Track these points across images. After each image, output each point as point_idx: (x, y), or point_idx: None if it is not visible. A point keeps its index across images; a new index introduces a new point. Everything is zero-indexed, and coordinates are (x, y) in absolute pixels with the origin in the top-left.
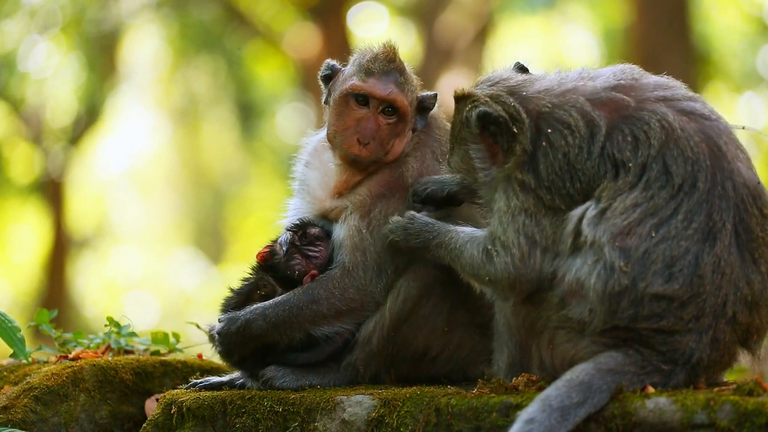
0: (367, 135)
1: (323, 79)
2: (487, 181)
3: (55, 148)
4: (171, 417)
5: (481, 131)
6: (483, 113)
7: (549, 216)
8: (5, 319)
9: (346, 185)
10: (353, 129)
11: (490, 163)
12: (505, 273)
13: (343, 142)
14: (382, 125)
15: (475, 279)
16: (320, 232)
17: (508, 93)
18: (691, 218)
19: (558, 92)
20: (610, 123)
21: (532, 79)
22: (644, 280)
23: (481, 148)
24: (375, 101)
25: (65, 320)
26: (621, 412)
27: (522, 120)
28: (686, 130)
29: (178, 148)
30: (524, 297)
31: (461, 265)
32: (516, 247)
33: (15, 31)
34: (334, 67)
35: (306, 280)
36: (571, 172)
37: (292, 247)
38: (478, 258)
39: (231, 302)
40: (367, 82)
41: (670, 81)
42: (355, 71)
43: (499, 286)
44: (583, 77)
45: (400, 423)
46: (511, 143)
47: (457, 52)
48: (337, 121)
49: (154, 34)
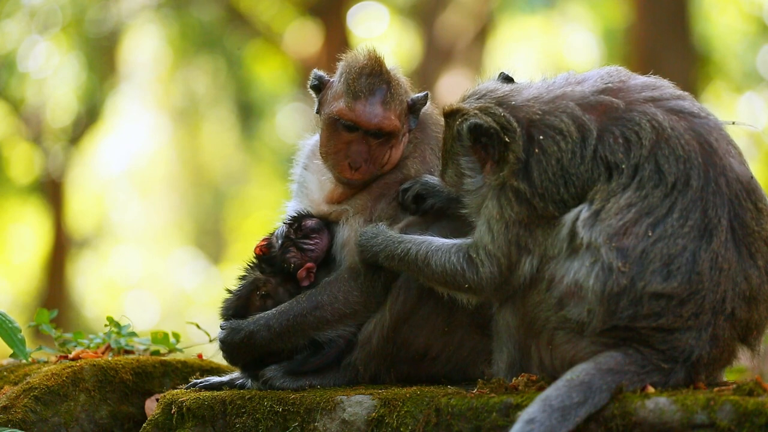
0: (358, 160)
1: (313, 89)
2: (474, 189)
3: (55, 148)
4: (171, 417)
5: (473, 143)
6: (474, 125)
7: (542, 226)
8: (5, 319)
9: (343, 196)
10: (343, 153)
11: (483, 173)
12: (490, 280)
13: (335, 166)
14: (372, 146)
15: (448, 286)
16: (316, 224)
17: (496, 104)
18: (686, 216)
19: (547, 99)
20: (600, 126)
21: (519, 88)
22: (643, 280)
23: (474, 160)
24: (363, 127)
25: (65, 320)
26: (621, 412)
27: (513, 129)
28: (676, 129)
29: (178, 148)
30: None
31: (429, 273)
32: (505, 257)
33: (15, 31)
34: (322, 78)
35: (301, 274)
36: (565, 177)
37: (287, 240)
38: (458, 266)
39: (231, 305)
40: (355, 109)
41: (657, 81)
42: (342, 92)
43: (483, 292)
44: (570, 82)
45: (400, 423)
46: (503, 153)
47: (457, 52)
48: (328, 143)
49: (154, 34)
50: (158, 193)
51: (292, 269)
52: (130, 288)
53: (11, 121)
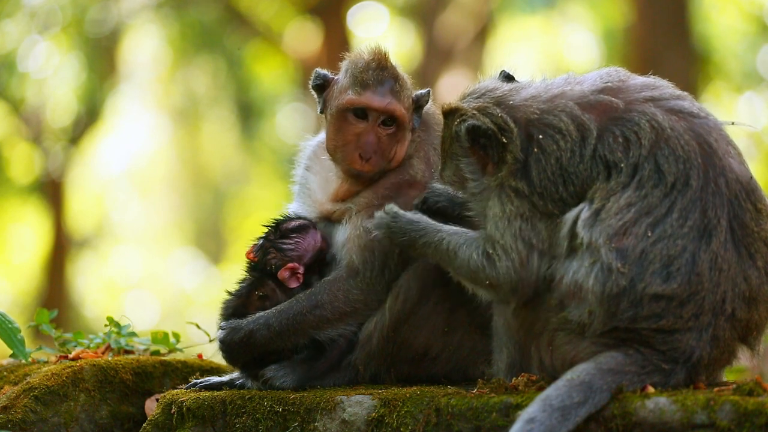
0: (368, 150)
1: (315, 89)
2: (478, 192)
3: (55, 148)
4: (171, 417)
5: (471, 144)
6: (471, 126)
7: (544, 220)
8: (5, 319)
9: (349, 193)
10: (354, 144)
11: (482, 174)
12: (507, 277)
13: (345, 158)
14: (382, 137)
15: (472, 282)
16: (298, 224)
17: (494, 104)
18: (685, 216)
19: (546, 98)
20: (600, 125)
21: (518, 88)
22: (642, 281)
23: (472, 161)
24: (374, 114)
25: (65, 320)
26: (621, 412)
27: (510, 129)
28: (676, 129)
29: (178, 148)
30: (524, 300)
31: (456, 266)
32: (515, 252)
33: (15, 31)
34: (326, 76)
35: (282, 274)
36: (564, 176)
37: (266, 241)
38: (478, 261)
39: (230, 306)
40: (364, 95)
41: (657, 81)
42: (350, 84)
43: (501, 290)
44: (570, 82)
45: (400, 423)
46: (501, 153)
47: (457, 52)
48: (336, 136)
49: (154, 34)
50: (158, 193)
51: (273, 270)
52: (130, 288)
53: (11, 121)
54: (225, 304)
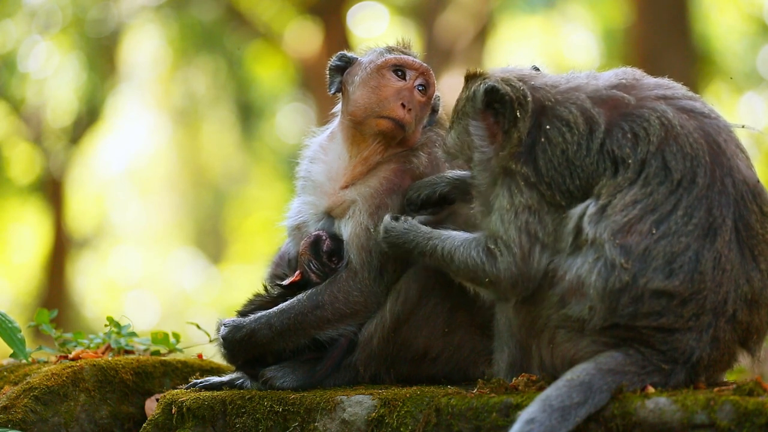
0: (411, 100)
1: (335, 70)
2: (483, 161)
3: (55, 148)
4: (171, 417)
5: (485, 107)
6: (491, 88)
7: (551, 212)
8: (5, 319)
9: (359, 175)
10: (395, 97)
11: (488, 143)
12: (507, 272)
13: (384, 109)
14: (417, 100)
15: (472, 281)
16: (335, 246)
17: (518, 79)
18: (690, 214)
19: (563, 89)
20: (609, 120)
21: (543, 75)
22: (644, 277)
23: (481, 126)
24: (413, 73)
25: (65, 320)
26: (621, 412)
27: (526, 104)
28: (685, 127)
29: (178, 148)
30: (525, 296)
31: (454, 269)
32: (517, 246)
33: (15, 31)
34: (352, 57)
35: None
36: (570, 168)
37: (312, 264)
38: (477, 259)
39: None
40: (404, 57)
41: (670, 82)
42: (387, 50)
43: (501, 286)
44: (589, 77)
45: (400, 423)
46: (510, 126)
47: (457, 52)
48: (372, 94)
49: (154, 34)
50: (158, 193)
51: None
52: (130, 288)
53: (11, 121)
54: (250, 302)
